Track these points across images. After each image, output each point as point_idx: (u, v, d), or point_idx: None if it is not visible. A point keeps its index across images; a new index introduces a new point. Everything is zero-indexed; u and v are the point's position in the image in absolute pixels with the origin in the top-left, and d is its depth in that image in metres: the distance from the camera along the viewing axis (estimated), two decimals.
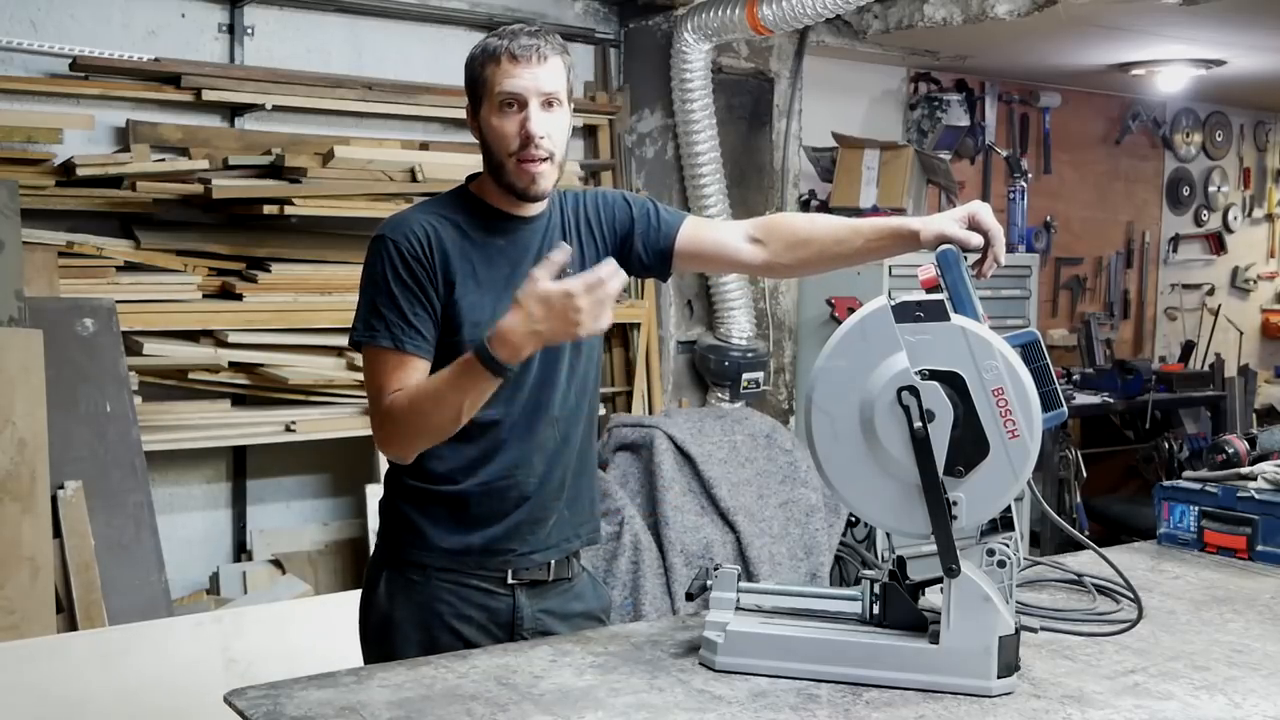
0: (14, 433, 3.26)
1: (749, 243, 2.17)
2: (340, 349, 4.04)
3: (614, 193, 2.21)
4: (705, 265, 2.31)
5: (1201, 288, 7.58)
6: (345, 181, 3.98)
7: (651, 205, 2.19)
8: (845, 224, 2.13)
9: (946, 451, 1.70)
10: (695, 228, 2.18)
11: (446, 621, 2.04)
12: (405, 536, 2.07)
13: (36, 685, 3.02)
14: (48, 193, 3.66)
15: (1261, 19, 4.85)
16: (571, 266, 2.03)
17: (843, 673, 1.74)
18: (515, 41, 1.96)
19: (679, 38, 4.69)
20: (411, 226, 2.00)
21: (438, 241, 1.99)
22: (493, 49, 1.97)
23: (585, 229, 2.13)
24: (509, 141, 1.97)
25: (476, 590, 2.05)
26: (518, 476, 2.04)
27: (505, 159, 1.98)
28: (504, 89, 1.95)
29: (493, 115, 1.98)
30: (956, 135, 6.04)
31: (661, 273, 2.20)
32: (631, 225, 2.15)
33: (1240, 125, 7.64)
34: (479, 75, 1.99)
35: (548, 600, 2.10)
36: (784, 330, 5.31)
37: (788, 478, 4.49)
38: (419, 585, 2.05)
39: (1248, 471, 2.56)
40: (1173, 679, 1.77)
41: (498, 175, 2.01)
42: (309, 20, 4.28)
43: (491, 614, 2.06)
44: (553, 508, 2.09)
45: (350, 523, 4.29)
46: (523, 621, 2.07)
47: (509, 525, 2.05)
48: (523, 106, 1.96)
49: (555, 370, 2.06)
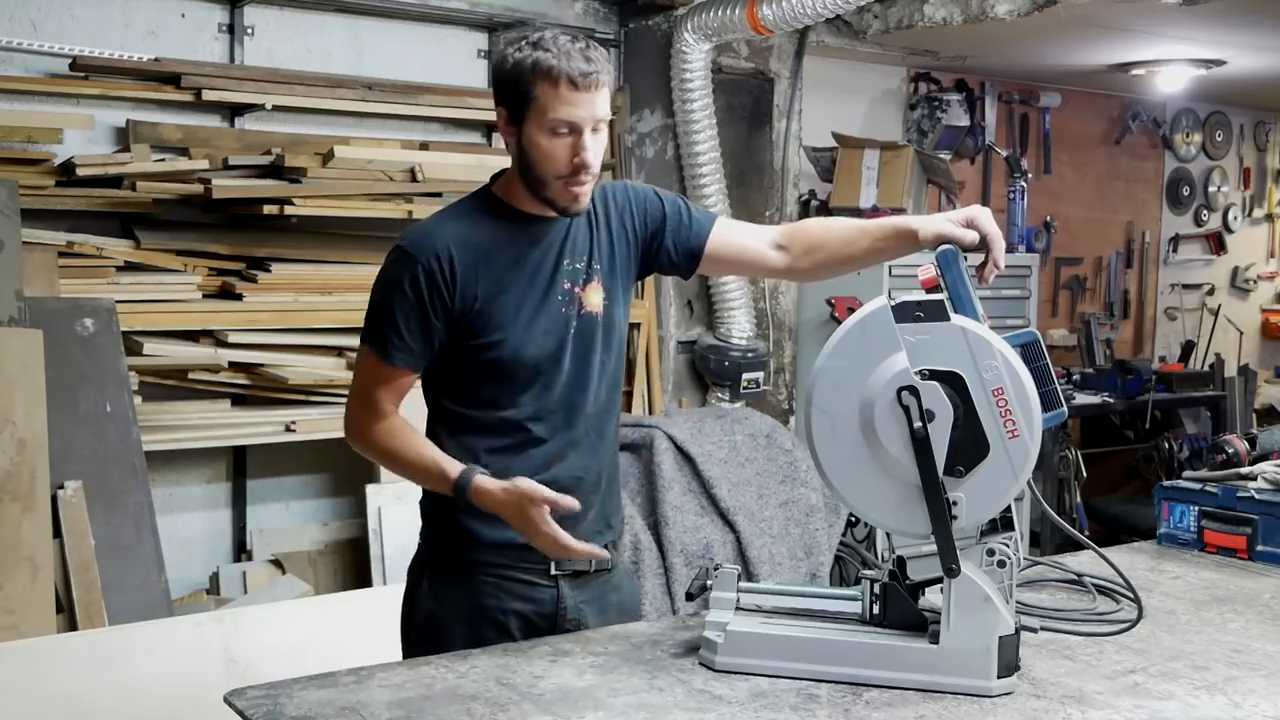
0: (14, 433, 3.26)
1: (774, 249, 2.18)
2: (340, 349, 4.04)
3: (646, 187, 2.20)
4: (730, 269, 2.34)
5: (1201, 288, 7.58)
6: (345, 181, 3.98)
7: (683, 203, 2.19)
8: (854, 225, 2.15)
9: (946, 451, 1.70)
10: (726, 231, 2.19)
11: (492, 616, 2.05)
12: (448, 534, 2.08)
13: (36, 685, 3.02)
14: (48, 193, 3.66)
15: (1261, 19, 4.84)
16: (597, 259, 2.07)
17: (843, 673, 1.74)
18: (573, 64, 1.91)
19: (679, 38, 4.69)
20: (435, 247, 1.99)
21: (458, 260, 1.99)
22: (549, 68, 1.92)
23: (616, 220, 2.13)
24: (559, 165, 1.96)
25: (521, 583, 2.07)
26: (556, 472, 2.05)
27: (551, 180, 1.97)
28: (560, 116, 1.92)
29: (542, 135, 1.95)
30: (956, 135, 6.04)
31: (686, 271, 2.21)
32: (663, 221, 2.15)
33: (1240, 125, 7.63)
34: (529, 91, 1.93)
35: (588, 590, 2.12)
36: (784, 330, 5.31)
37: (788, 478, 4.49)
38: (463, 581, 2.07)
39: (1248, 471, 2.56)
40: (1173, 679, 1.77)
41: (536, 189, 2.00)
42: (309, 20, 4.28)
43: (537, 605, 2.07)
44: (591, 501, 2.10)
45: (350, 523, 4.28)
46: (565, 612, 2.09)
47: None
48: (576, 133, 1.94)
49: (588, 367, 2.08)
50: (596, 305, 2.07)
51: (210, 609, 3.65)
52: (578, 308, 2.06)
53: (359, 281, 4.11)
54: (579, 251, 2.07)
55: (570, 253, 2.06)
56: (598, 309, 2.08)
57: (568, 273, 2.05)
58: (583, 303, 2.06)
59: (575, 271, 2.06)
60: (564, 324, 2.04)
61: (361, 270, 4.13)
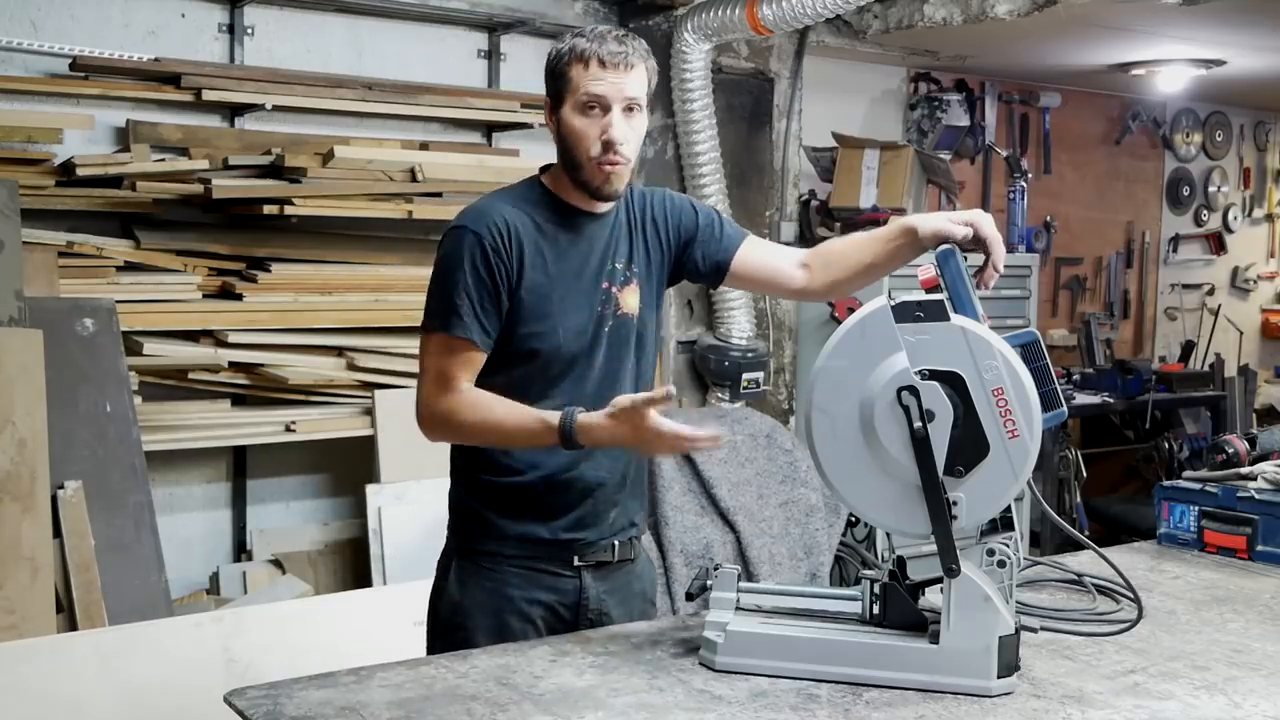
0: (14, 433, 3.26)
1: (800, 269, 2.21)
2: (340, 349, 4.04)
3: (682, 197, 2.25)
4: (754, 285, 2.36)
5: (1201, 288, 7.58)
6: (345, 181, 3.98)
7: (716, 216, 2.24)
8: (864, 235, 2.18)
9: (946, 451, 1.70)
10: (755, 248, 2.23)
11: (517, 606, 2.08)
12: (475, 528, 2.12)
13: (36, 685, 3.02)
14: (48, 193, 3.66)
15: (1261, 19, 4.85)
16: (636, 263, 2.11)
17: (843, 673, 1.74)
18: (604, 46, 2.00)
19: (679, 38, 4.69)
20: (493, 218, 2.03)
21: (516, 233, 2.03)
22: (581, 51, 2.00)
23: (651, 227, 2.17)
24: (590, 144, 2.01)
25: (545, 574, 2.10)
26: (583, 470, 2.08)
27: (585, 160, 2.03)
28: (590, 91, 2.00)
29: (575, 116, 2.02)
30: (956, 135, 6.04)
31: (713, 282, 2.26)
32: (696, 232, 2.19)
33: (1240, 125, 7.63)
34: (564, 74, 2.02)
35: (611, 581, 2.15)
36: (784, 330, 5.31)
37: (788, 478, 4.49)
38: (489, 572, 2.10)
39: (1248, 471, 2.56)
40: (1173, 679, 1.77)
41: (574, 173, 2.06)
42: (309, 20, 4.28)
43: (560, 595, 2.11)
44: (616, 499, 2.14)
45: (350, 523, 4.28)
46: (589, 602, 2.12)
47: (574, 518, 2.10)
48: (606, 110, 2.01)
49: (620, 367, 2.11)
50: (632, 307, 2.12)
51: (210, 609, 3.65)
52: (614, 307, 2.10)
53: (359, 282, 4.11)
54: (620, 253, 2.12)
55: (613, 253, 2.11)
56: (633, 311, 2.12)
57: (609, 273, 2.10)
58: (619, 303, 2.10)
59: (615, 272, 2.11)
60: (600, 322, 2.08)
61: (361, 270, 4.13)
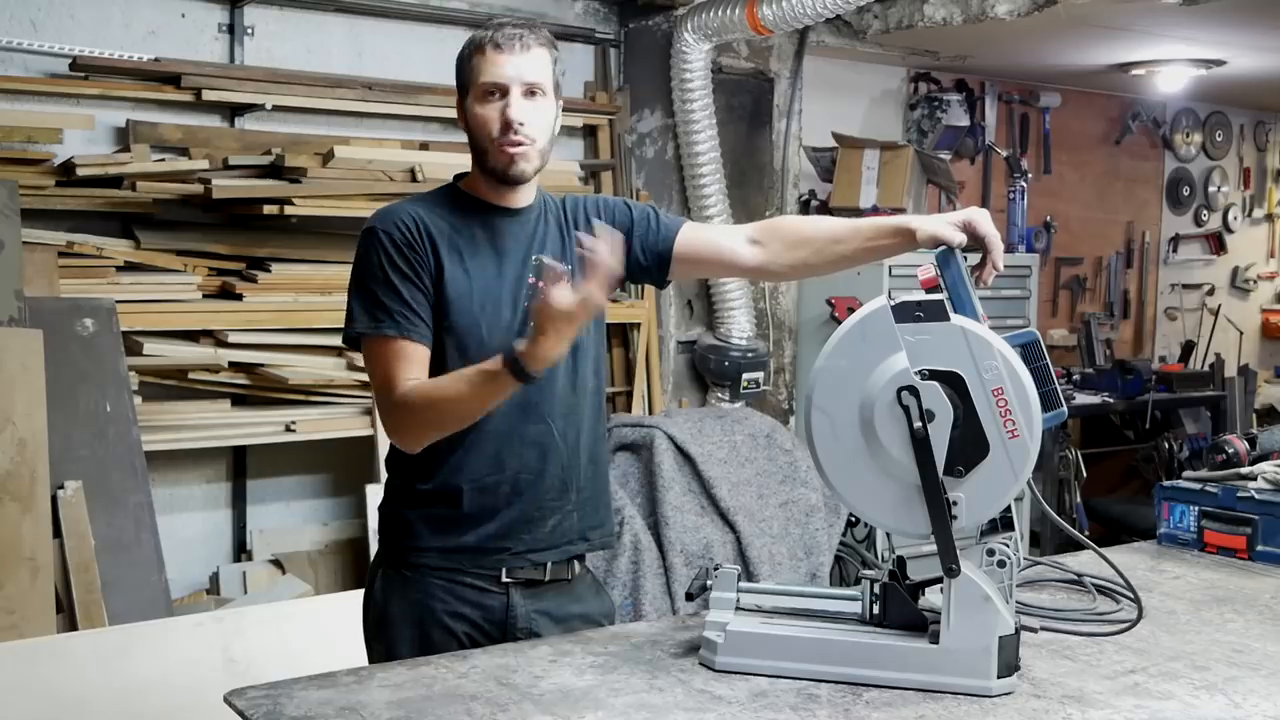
0: (14, 433, 3.26)
1: (749, 245, 2.18)
2: (340, 349, 4.04)
3: (616, 198, 2.24)
4: (704, 269, 2.34)
5: (1201, 288, 7.58)
6: (345, 181, 3.98)
7: (653, 210, 2.21)
8: (844, 224, 2.14)
9: (946, 451, 1.69)
10: (694, 231, 2.21)
11: (439, 619, 2.05)
12: (400, 536, 2.09)
13: (36, 685, 3.02)
14: (48, 193, 3.66)
15: (1261, 19, 4.85)
16: (569, 260, 2.06)
17: (843, 673, 1.74)
18: (500, 32, 2.01)
19: (679, 38, 4.69)
20: (400, 216, 2.04)
21: (426, 228, 2.02)
22: (477, 40, 2.03)
23: (585, 227, 2.13)
24: (490, 127, 2.01)
25: (470, 588, 2.06)
26: (508, 473, 2.05)
27: (488, 144, 2.03)
28: (486, 78, 2.01)
29: (476, 104, 2.03)
30: (956, 135, 6.04)
31: (659, 278, 2.22)
32: (631, 226, 2.17)
33: (1240, 125, 7.63)
34: (465, 66, 2.05)
35: (544, 601, 2.10)
36: (784, 330, 5.30)
37: (788, 478, 4.49)
38: (413, 583, 2.07)
39: (1248, 471, 2.56)
40: (1173, 679, 1.77)
41: (481, 162, 2.06)
42: (309, 20, 4.28)
43: (485, 612, 2.06)
44: (552, 507, 2.09)
45: (350, 523, 4.29)
46: (516, 621, 2.07)
47: (503, 523, 2.06)
48: (504, 94, 2.01)
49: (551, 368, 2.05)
50: None
51: (210, 609, 3.65)
52: None
53: None
54: (547, 251, 2.08)
55: (538, 251, 2.07)
56: None
57: (534, 269, 2.05)
58: None
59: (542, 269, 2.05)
60: (526, 318, 2.00)
61: None
